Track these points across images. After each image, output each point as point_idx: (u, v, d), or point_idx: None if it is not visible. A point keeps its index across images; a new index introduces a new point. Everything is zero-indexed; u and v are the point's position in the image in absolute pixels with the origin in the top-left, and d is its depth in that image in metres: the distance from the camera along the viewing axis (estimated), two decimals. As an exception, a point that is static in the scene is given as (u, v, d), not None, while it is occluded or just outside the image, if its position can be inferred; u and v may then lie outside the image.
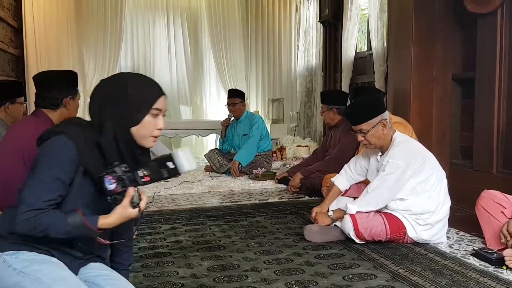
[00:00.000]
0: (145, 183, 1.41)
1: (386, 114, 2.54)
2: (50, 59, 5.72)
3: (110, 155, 1.41)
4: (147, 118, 1.44)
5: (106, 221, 1.38)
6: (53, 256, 1.41)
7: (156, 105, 1.45)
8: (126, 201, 1.38)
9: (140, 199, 1.42)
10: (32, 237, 1.33)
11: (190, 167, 1.45)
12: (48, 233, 1.32)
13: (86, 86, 6.41)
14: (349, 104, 2.72)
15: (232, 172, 4.75)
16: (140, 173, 1.41)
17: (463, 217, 2.96)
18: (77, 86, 2.57)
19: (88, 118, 1.50)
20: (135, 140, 1.45)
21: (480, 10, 3.26)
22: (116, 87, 1.45)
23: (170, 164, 1.43)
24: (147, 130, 1.45)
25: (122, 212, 1.39)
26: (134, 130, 1.44)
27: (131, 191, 1.39)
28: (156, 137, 1.48)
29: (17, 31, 5.33)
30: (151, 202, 3.56)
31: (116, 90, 1.45)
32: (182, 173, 1.47)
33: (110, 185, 1.37)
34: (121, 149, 1.42)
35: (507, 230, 2.18)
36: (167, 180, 1.43)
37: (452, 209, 2.58)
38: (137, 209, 1.40)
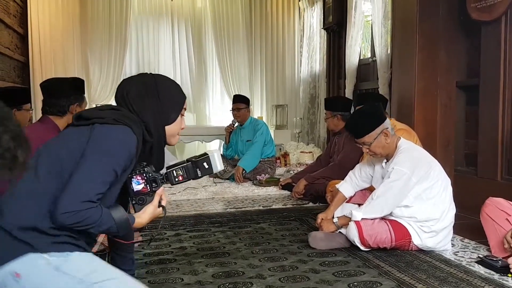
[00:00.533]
0: (178, 182, 1.49)
1: (387, 123, 2.53)
2: (56, 65, 5.76)
3: (156, 153, 1.48)
4: (178, 118, 1.56)
5: (140, 220, 1.40)
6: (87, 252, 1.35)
7: (184, 105, 1.58)
8: (157, 200, 1.42)
9: (161, 199, 1.48)
10: (70, 231, 1.27)
11: (221, 167, 1.55)
12: (92, 228, 1.27)
13: (91, 93, 6.45)
14: (348, 118, 2.74)
15: (236, 178, 4.75)
16: (175, 173, 1.48)
17: (468, 225, 2.95)
18: (83, 93, 2.60)
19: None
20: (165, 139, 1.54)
21: (484, 17, 3.27)
22: (153, 88, 1.50)
23: (205, 165, 1.52)
24: (176, 129, 1.56)
25: (154, 211, 1.42)
26: (167, 128, 1.52)
27: (161, 190, 1.45)
28: (178, 135, 1.60)
29: (23, 38, 5.37)
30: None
31: (153, 90, 1.50)
32: (214, 172, 1.58)
33: (138, 185, 1.39)
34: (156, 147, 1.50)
35: (511, 237, 2.17)
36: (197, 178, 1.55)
37: (457, 216, 2.58)
38: (161, 208, 1.46)
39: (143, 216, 1.42)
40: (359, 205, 2.65)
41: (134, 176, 1.40)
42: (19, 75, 5.17)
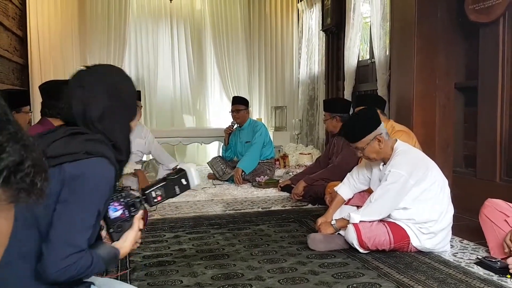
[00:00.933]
0: (156, 203, 1.40)
1: (381, 128, 2.52)
2: (55, 68, 5.76)
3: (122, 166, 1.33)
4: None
5: (123, 250, 1.29)
6: None
7: None
8: (136, 225, 1.31)
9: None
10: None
11: (198, 181, 1.46)
12: (86, 276, 1.17)
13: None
14: (344, 123, 2.75)
15: (235, 179, 4.76)
16: (153, 193, 1.39)
17: (466, 226, 2.96)
18: (82, 95, 2.59)
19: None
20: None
21: (482, 19, 3.28)
22: (115, 91, 1.32)
23: (183, 181, 1.44)
24: (135, 123, 1.43)
25: (136, 236, 1.31)
26: (132, 123, 1.40)
27: (140, 214, 1.34)
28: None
29: (22, 40, 5.38)
30: (154, 210, 3.57)
31: (115, 94, 1.31)
32: (191, 188, 1.47)
33: (115, 212, 1.29)
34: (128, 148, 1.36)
35: (510, 240, 2.18)
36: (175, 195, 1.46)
37: (455, 217, 2.58)
38: (140, 232, 1.35)
39: (125, 245, 1.30)
40: (358, 207, 2.66)
41: (111, 203, 1.29)
42: (18, 77, 5.17)
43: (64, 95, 1.32)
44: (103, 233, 1.34)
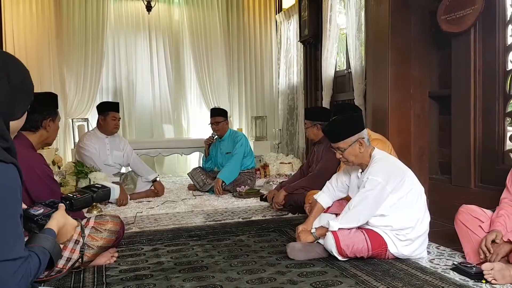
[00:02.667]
0: (77, 197, 1.68)
1: (364, 133, 2.59)
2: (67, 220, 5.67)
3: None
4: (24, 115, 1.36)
5: (56, 229, 1.34)
6: None
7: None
8: (61, 209, 1.42)
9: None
10: None
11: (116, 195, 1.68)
12: (42, 270, 1.20)
13: (67, 107, 6.37)
14: (328, 122, 2.78)
15: (216, 190, 4.74)
16: (71, 194, 1.70)
17: (443, 232, 3.00)
18: (57, 108, 2.56)
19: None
20: None
21: (454, 29, 3.36)
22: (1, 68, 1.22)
23: (97, 185, 1.82)
24: (19, 126, 1.34)
25: (64, 217, 1.40)
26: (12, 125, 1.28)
27: (62, 204, 1.46)
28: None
29: (-3, 52, 5.29)
30: (132, 223, 3.53)
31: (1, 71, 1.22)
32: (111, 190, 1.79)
33: (38, 211, 1.40)
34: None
35: (485, 246, 2.22)
36: (96, 196, 1.79)
37: (432, 223, 2.62)
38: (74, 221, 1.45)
39: (53, 222, 1.33)
40: (336, 215, 2.68)
41: (30, 209, 1.40)
42: (-7, 90, 5.07)
43: None
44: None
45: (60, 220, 1.38)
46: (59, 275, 2.19)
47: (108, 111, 4.44)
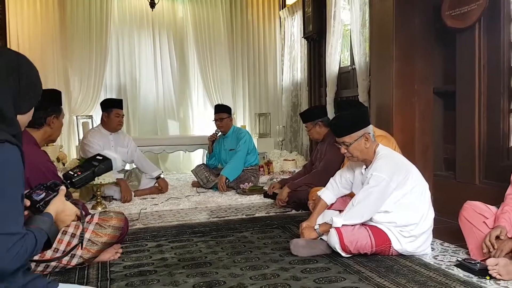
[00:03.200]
0: (78, 175, 1.58)
1: (370, 128, 2.59)
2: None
3: None
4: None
5: (55, 214, 1.35)
6: None
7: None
8: (62, 193, 1.41)
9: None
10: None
11: (120, 164, 1.66)
12: (37, 250, 1.22)
13: (72, 104, 6.40)
14: (334, 116, 2.76)
15: (219, 187, 4.74)
16: (71, 172, 1.60)
17: (447, 228, 2.99)
18: (61, 105, 2.57)
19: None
20: None
21: (458, 25, 3.34)
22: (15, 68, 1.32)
23: (98, 157, 1.69)
24: (27, 120, 1.41)
25: (63, 202, 1.40)
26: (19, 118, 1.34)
27: (63, 188, 1.44)
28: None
29: (1, 50, 5.31)
30: (136, 220, 3.54)
31: (14, 71, 1.31)
32: (112, 160, 1.69)
33: (39, 196, 1.39)
34: None
35: (490, 241, 2.21)
36: (97, 171, 1.68)
37: (436, 220, 2.61)
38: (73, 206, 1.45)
39: (52, 207, 1.36)
40: (340, 211, 2.67)
41: (33, 193, 1.39)
42: (-3, 87, 5.09)
43: None
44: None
45: (59, 206, 1.39)
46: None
47: (112, 108, 4.44)
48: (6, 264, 1.14)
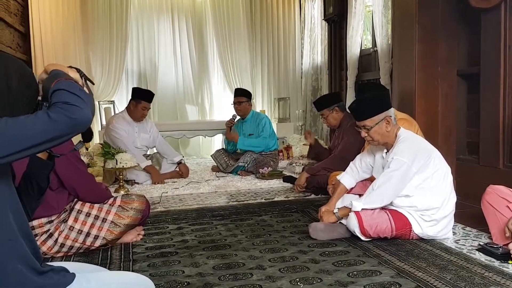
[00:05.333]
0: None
1: (391, 111, 2.55)
2: (58, 63, 5.78)
3: None
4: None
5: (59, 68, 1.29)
6: None
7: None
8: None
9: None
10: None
11: None
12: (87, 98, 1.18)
13: (94, 90, 6.47)
14: (354, 100, 2.73)
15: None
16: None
17: (470, 213, 2.95)
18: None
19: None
20: None
21: (483, 5, 3.24)
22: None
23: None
24: None
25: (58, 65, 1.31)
26: None
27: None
28: None
29: (25, 36, 5.39)
30: (158, 203, 3.60)
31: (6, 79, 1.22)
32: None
33: None
34: None
35: (512, 225, 2.17)
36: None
37: (459, 204, 2.58)
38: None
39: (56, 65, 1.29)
40: (360, 195, 2.66)
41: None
42: (22, 74, 5.19)
43: None
44: None
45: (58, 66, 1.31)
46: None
47: (142, 99, 4.50)
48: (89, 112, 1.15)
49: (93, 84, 1.50)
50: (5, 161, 1.08)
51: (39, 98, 1.26)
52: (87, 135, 1.46)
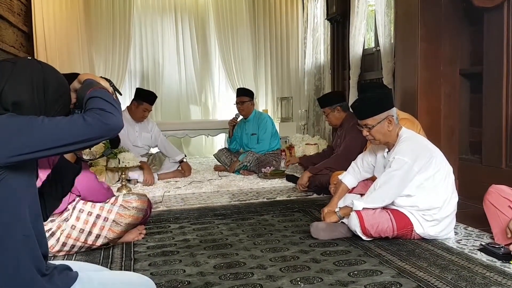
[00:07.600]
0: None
1: (393, 111, 2.54)
2: (61, 63, 5.80)
3: None
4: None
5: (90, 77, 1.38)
6: None
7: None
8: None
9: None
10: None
11: None
12: (113, 105, 1.25)
13: (97, 89, 6.47)
14: (357, 98, 2.73)
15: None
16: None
17: (472, 213, 2.94)
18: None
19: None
20: None
21: (486, 4, 3.22)
22: (42, 78, 1.29)
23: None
24: None
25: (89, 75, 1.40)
26: None
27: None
28: None
29: (28, 36, 5.42)
30: (160, 202, 3.60)
31: (43, 81, 1.29)
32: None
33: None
34: None
35: (514, 225, 2.17)
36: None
37: (461, 204, 2.57)
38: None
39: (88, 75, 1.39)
40: (361, 195, 2.66)
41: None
42: (25, 73, 5.20)
43: None
44: None
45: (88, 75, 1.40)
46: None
47: (144, 101, 4.51)
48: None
49: (121, 94, 1.58)
50: (37, 156, 1.13)
51: (71, 106, 1.36)
52: (115, 142, 1.55)
